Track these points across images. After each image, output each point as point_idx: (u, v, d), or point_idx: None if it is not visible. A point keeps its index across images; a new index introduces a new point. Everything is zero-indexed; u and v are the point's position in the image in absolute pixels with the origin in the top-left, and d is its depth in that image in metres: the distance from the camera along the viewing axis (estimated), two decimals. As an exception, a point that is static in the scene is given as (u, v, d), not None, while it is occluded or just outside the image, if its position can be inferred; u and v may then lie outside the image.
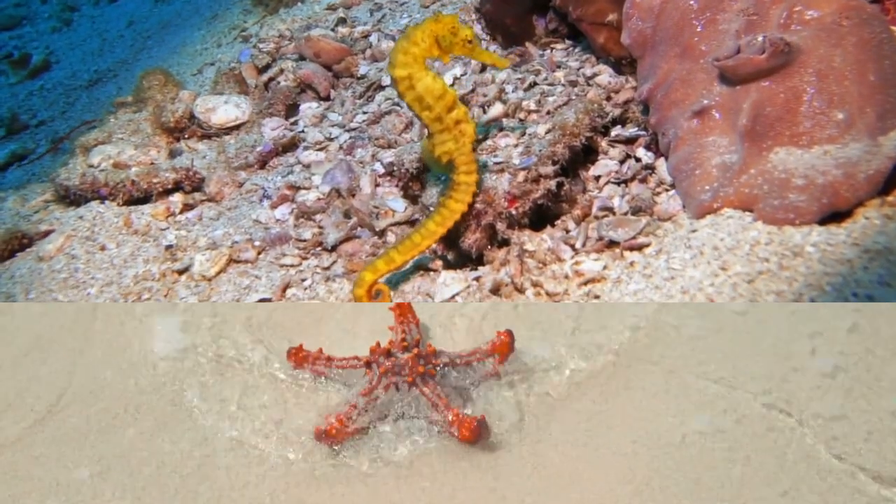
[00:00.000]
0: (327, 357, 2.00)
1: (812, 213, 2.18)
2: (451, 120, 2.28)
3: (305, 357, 2.01)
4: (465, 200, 2.39)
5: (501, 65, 2.41)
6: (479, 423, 1.82)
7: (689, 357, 2.13)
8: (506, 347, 2.02)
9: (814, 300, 1.91)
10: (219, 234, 2.73)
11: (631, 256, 2.40)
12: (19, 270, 2.64)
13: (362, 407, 1.86)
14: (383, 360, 1.92)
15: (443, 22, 2.21)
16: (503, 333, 2.03)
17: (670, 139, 2.62)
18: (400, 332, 2.05)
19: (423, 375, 1.90)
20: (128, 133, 3.16)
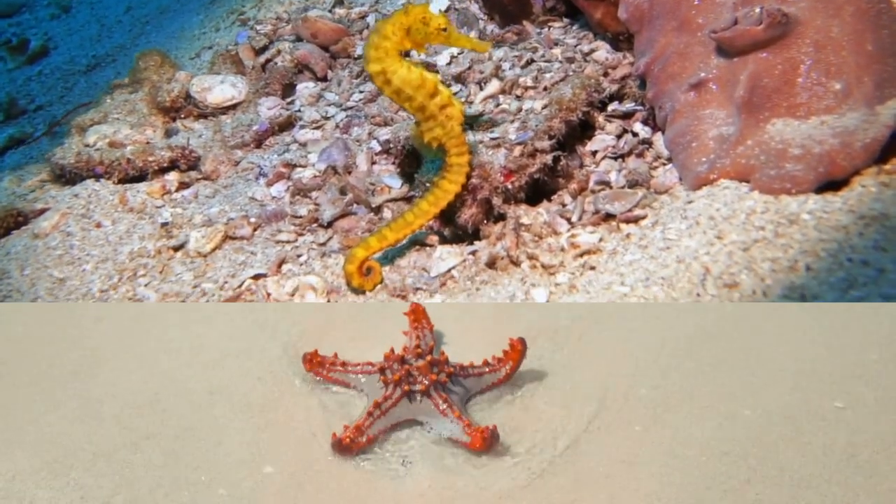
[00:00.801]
0: (342, 362, 1.99)
1: (808, 182, 2.16)
2: (435, 106, 2.27)
3: (321, 362, 2.00)
4: (458, 181, 2.39)
5: (481, 49, 2.39)
6: (492, 432, 1.79)
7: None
8: (517, 355, 1.99)
9: (809, 267, 1.90)
10: (214, 211, 2.72)
11: (627, 229, 2.39)
12: (14, 247, 2.64)
13: (377, 416, 1.85)
14: (397, 366, 1.91)
15: (412, 13, 2.18)
16: (515, 342, 2.00)
17: (667, 112, 2.61)
18: (414, 339, 2.05)
19: (436, 384, 1.88)
20: (124, 113, 3.16)
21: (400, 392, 1.87)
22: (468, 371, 1.97)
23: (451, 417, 1.84)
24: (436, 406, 1.86)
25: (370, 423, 1.84)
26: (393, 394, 1.87)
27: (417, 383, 1.88)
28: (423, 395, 1.87)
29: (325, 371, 2.00)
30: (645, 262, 2.16)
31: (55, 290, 2.46)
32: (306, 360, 2.01)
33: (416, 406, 1.87)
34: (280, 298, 2.36)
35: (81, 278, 2.49)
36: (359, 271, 2.33)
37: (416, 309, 2.15)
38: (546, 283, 2.28)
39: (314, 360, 2.01)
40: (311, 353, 2.01)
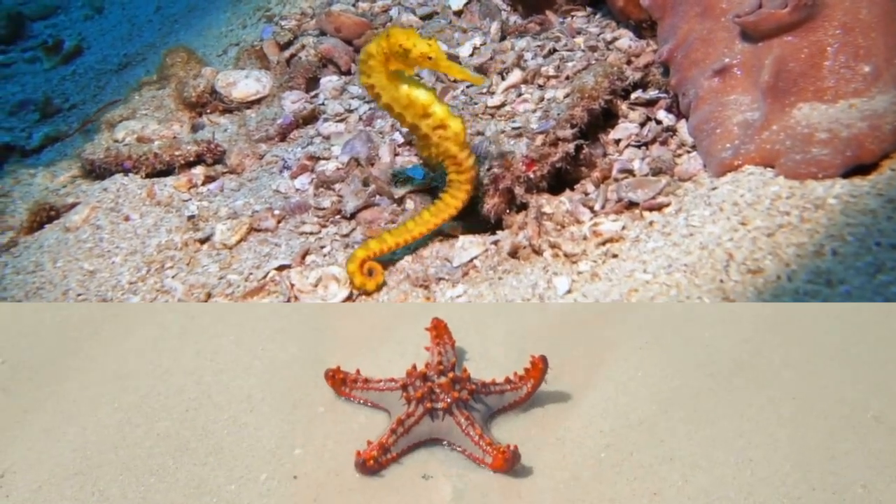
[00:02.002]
0: (364, 379, 1.99)
1: (835, 166, 2.12)
2: (428, 127, 2.26)
3: (343, 379, 1.99)
4: (459, 197, 2.39)
5: (475, 81, 2.32)
6: (513, 452, 1.77)
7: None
8: (539, 373, 1.96)
9: (835, 251, 1.86)
10: (239, 204, 2.76)
11: (650, 216, 2.37)
12: (47, 241, 2.70)
13: (400, 434, 1.83)
14: (419, 383, 1.89)
15: (391, 40, 2.13)
16: (537, 359, 1.96)
17: (691, 99, 2.58)
18: (436, 355, 2.03)
19: (458, 401, 1.87)
20: (151, 109, 3.22)
21: (422, 409, 1.85)
22: (490, 388, 1.94)
23: (474, 436, 1.82)
24: (458, 424, 1.85)
25: (394, 441, 1.82)
26: (415, 411, 1.86)
27: (440, 401, 1.86)
28: (446, 412, 1.85)
29: (348, 389, 1.99)
30: (668, 249, 2.14)
31: (86, 283, 2.51)
32: (329, 377, 2.01)
33: (438, 424, 1.86)
34: (304, 289, 2.38)
35: (111, 270, 2.54)
36: (360, 271, 2.35)
37: (438, 325, 2.12)
38: (568, 271, 2.27)
39: (336, 376, 1.99)
40: (333, 369, 2.00)
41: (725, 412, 2.01)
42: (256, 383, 2.09)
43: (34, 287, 2.52)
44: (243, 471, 1.81)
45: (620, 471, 1.83)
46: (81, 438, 1.91)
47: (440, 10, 3.50)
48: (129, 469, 1.82)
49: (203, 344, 2.22)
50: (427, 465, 1.83)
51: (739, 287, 1.91)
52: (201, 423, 1.95)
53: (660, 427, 1.96)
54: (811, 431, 1.95)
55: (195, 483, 1.78)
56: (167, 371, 2.13)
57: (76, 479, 1.80)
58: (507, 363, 2.14)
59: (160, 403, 2.02)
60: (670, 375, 2.13)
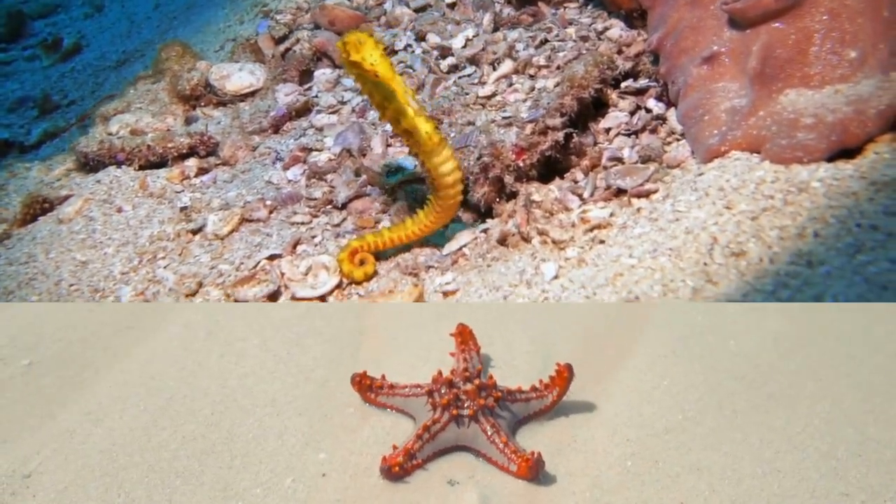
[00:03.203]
0: (390, 385, 1.98)
1: (820, 150, 2.12)
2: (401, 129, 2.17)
3: (370, 385, 1.98)
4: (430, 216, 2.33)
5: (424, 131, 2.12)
6: (536, 460, 1.75)
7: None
8: (564, 382, 1.93)
9: (817, 233, 1.87)
10: (232, 195, 2.78)
11: (638, 203, 2.37)
12: (41, 232, 2.74)
13: (426, 440, 1.81)
14: (445, 390, 1.87)
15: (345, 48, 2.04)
16: (562, 368, 1.94)
17: (680, 87, 2.58)
18: (462, 361, 2.02)
19: (484, 408, 1.85)
20: (146, 102, 3.24)
21: (448, 416, 1.83)
22: (515, 396, 1.93)
23: (499, 443, 1.80)
24: (483, 431, 1.82)
25: (419, 447, 1.80)
26: (441, 417, 1.83)
27: (466, 408, 1.84)
28: (471, 419, 1.83)
29: (374, 395, 1.99)
30: (654, 234, 2.15)
31: (78, 273, 2.54)
32: (355, 382, 1.99)
33: (463, 431, 1.83)
34: (294, 278, 2.40)
35: (103, 261, 2.57)
36: (349, 259, 2.37)
37: (463, 331, 2.11)
38: (556, 257, 2.29)
39: (363, 382, 1.98)
40: (360, 374, 1.99)
41: (752, 422, 1.98)
42: (281, 387, 2.08)
43: (27, 278, 2.55)
44: (269, 475, 1.80)
45: (646, 480, 1.79)
46: (108, 440, 1.91)
47: (433, 2, 3.51)
48: (155, 471, 1.81)
49: (228, 347, 2.22)
50: (453, 471, 1.81)
51: (723, 270, 1.91)
52: (227, 427, 1.94)
53: (686, 436, 1.93)
54: (841, 441, 1.91)
55: (221, 486, 1.76)
56: (193, 374, 2.13)
57: (102, 480, 1.79)
58: (531, 371, 2.13)
59: (186, 406, 2.01)
60: (696, 384, 2.10)
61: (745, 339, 2.28)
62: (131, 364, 2.17)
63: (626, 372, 2.15)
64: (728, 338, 2.29)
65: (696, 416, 1.99)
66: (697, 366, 2.17)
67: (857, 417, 2.00)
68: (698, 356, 2.20)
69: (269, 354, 2.21)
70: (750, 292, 1.82)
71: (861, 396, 2.07)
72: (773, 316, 2.37)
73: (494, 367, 2.16)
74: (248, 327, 2.30)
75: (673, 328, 2.32)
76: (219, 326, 2.30)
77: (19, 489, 1.75)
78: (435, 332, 2.26)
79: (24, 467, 1.82)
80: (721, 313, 2.38)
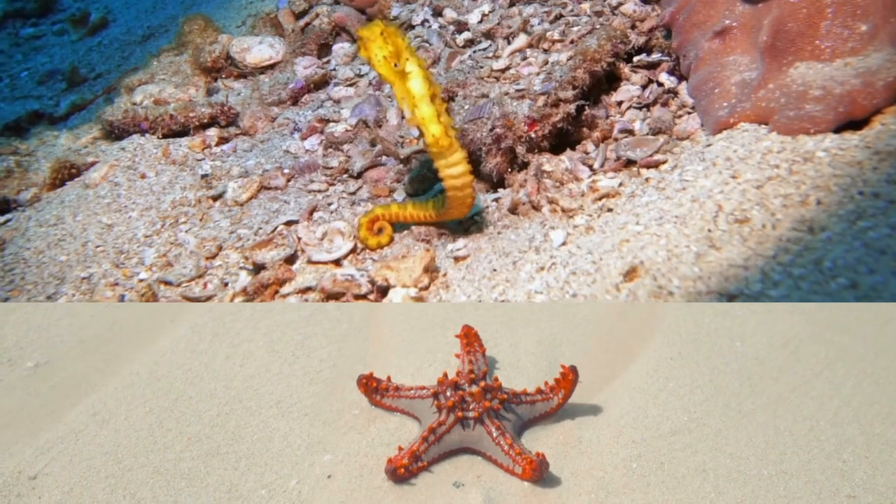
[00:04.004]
0: (395, 387, 1.97)
1: (828, 121, 2.15)
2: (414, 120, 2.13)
3: (375, 387, 1.98)
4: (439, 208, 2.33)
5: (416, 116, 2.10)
6: (540, 462, 1.75)
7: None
8: (569, 384, 1.92)
9: (820, 201, 1.90)
10: (251, 163, 2.86)
11: (647, 173, 2.42)
12: (68, 196, 2.84)
13: (431, 441, 1.81)
14: (451, 392, 1.86)
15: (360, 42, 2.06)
16: (567, 370, 1.92)
17: (691, 61, 2.61)
18: (467, 363, 2.01)
19: (489, 410, 1.84)
20: (169, 74, 3.33)
21: (454, 418, 1.82)
22: (521, 398, 1.92)
23: (504, 445, 1.79)
24: (488, 433, 1.82)
25: (425, 449, 1.80)
26: (447, 419, 1.83)
27: (471, 410, 1.84)
28: (477, 421, 1.83)
29: (379, 397, 1.98)
30: (661, 203, 2.19)
31: (104, 235, 2.63)
32: (361, 384, 1.98)
33: (468, 433, 1.83)
34: (310, 243, 2.47)
35: (128, 224, 2.66)
36: (368, 225, 2.42)
37: (468, 332, 2.10)
38: (564, 225, 2.34)
39: (370, 384, 1.97)
40: (366, 376, 1.98)
41: (758, 423, 1.96)
42: (287, 388, 2.07)
43: (56, 239, 2.64)
44: (274, 476, 1.79)
45: (651, 481, 1.78)
46: (113, 441, 1.90)
47: (451, -22, 3.55)
48: (161, 473, 1.80)
49: (234, 349, 2.22)
50: (458, 473, 1.80)
51: (726, 236, 1.96)
52: (232, 428, 1.93)
53: (692, 438, 1.91)
54: (847, 443, 1.90)
55: (226, 487, 1.76)
56: (198, 375, 2.12)
57: (108, 481, 1.78)
58: (537, 372, 2.13)
59: (192, 408, 2.00)
60: (702, 386, 2.08)
61: (751, 340, 2.26)
62: (137, 365, 2.16)
63: (631, 373, 2.12)
64: (734, 339, 2.26)
65: (702, 417, 1.97)
66: (704, 367, 2.15)
67: (863, 419, 1.98)
68: (705, 357, 2.18)
69: (275, 356, 2.19)
70: (751, 257, 1.86)
71: (868, 398, 2.05)
72: (779, 317, 2.34)
73: (500, 368, 2.15)
74: (255, 329, 2.28)
75: (679, 329, 2.29)
76: (225, 328, 2.29)
77: (25, 490, 1.75)
78: (441, 334, 2.25)
79: (30, 469, 1.82)
80: (728, 315, 2.35)
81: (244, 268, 2.41)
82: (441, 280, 2.28)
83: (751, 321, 2.34)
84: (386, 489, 1.75)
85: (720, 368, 2.14)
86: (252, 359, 2.18)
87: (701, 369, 2.14)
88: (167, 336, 2.27)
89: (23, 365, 2.21)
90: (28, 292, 2.44)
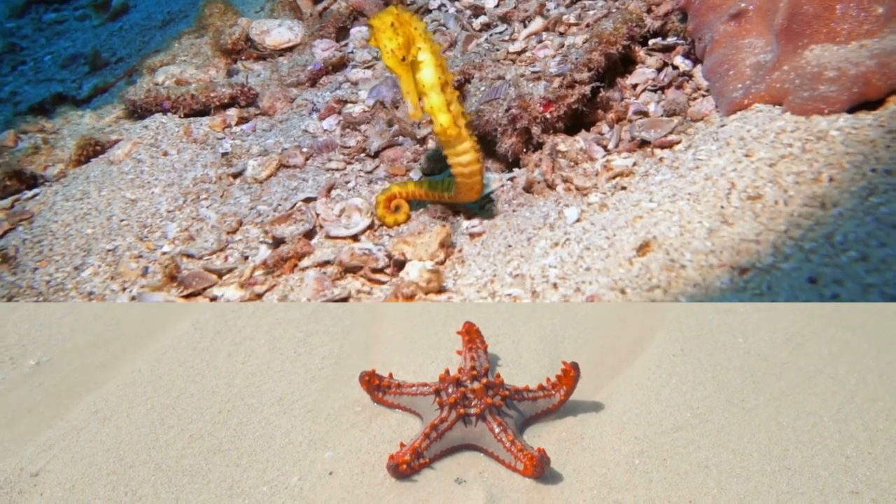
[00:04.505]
0: (397, 384, 1.97)
1: (842, 102, 2.17)
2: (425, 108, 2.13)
3: (378, 384, 1.97)
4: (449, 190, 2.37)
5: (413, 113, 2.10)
6: (540, 457, 1.75)
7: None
8: (571, 381, 1.93)
9: (832, 178, 1.93)
10: (270, 142, 2.91)
11: (661, 153, 2.45)
12: (93, 172, 2.90)
13: (433, 438, 1.81)
14: (452, 388, 1.87)
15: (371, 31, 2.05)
16: (568, 366, 1.93)
17: (706, 43, 2.63)
18: (469, 360, 2.01)
19: (491, 407, 1.84)
20: (190, 55, 3.39)
21: (455, 415, 1.82)
22: (523, 395, 1.91)
23: (506, 442, 1.80)
24: (490, 430, 1.82)
25: (427, 445, 1.80)
26: (449, 416, 1.83)
27: (473, 406, 1.84)
28: (479, 418, 1.83)
29: (381, 394, 1.98)
30: (674, 181, 2.22)
31: (128, 210, 2.69)
32: (364, 381, 1.98)
33: (470, 429, 1.83)
34: (328, 218, 2.52)
35: (151, 200, 2.72)
36: (386, 203, 2.46)
37: (470, 329, 2.10)
38: (579, 202, 2.37)
39: (372, 381, 1.97)
40: (368, 372, 1.98)
41: (761, 419, 1.96)
42: (289, 386, 2.07)
43: (82, 213, 2.71)
44: (275, 473, 1.79)
45: (654, 478, 1.78)
46: (115, 438, 1.90)
47: (468, -37, 3.58)
48: (162, 470, 1.80)
49: (236, 346, 2.22)
50: (460, 469, 1.80)
51: (738, 212, 1.98)
52: (234, 425, 1.93)
53: (694, 434, 1.91)
54: (850, 439, 1.90)
55: (228, 484, 1.76)
56: (200, 373, 2.13)
57: (109, 478, 1.78)
58: (539, 369, 2.12)
59: (193, 405, 2.01)
60: (705, 382, 2.08)
61: (754, 337, 2.25)
62: (139, 363, 2.16)
63: (634, 370, 2.12)
64: (737, 336, 2.25)
65: (704, 413, 1.97)
66: (706, 363, 2.14)
67: (866, 415, 1.98)
68: (707, 354, 2.18)
69: (277, 353, 2.19)
70: (763, 231, 1.89)
71: (871, 394, 2.05)
72: (782, 314, 2.34)
73: (502, 365, 2.15)
74: (256, 326, 2.29)
75: (682, 326, 2.28)
76: (227, 326, 2.29)
77: (27, 487, 1.76)
78: (442, 331, 2.25)
79: (32, 466, 1.82)
80: (730, 311, 2.34)
81: (264, 242, 2.47)
82: (457, 255, 2.32)
83: (753, 318, 2.34)
84: (388, 486, 1.75)
85: (723, 365, 2.14)
86: (254, 356, 2.18)
87: (703, 366, 2.13)
88: (169, 334, 2.27)
89: (25, 363, 2.21)
90: (56, 262, 2.50)
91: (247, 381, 2.10)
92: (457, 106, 2.16)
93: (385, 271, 2.28)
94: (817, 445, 1.88)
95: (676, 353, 2.18)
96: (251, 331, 2.28)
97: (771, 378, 2.10)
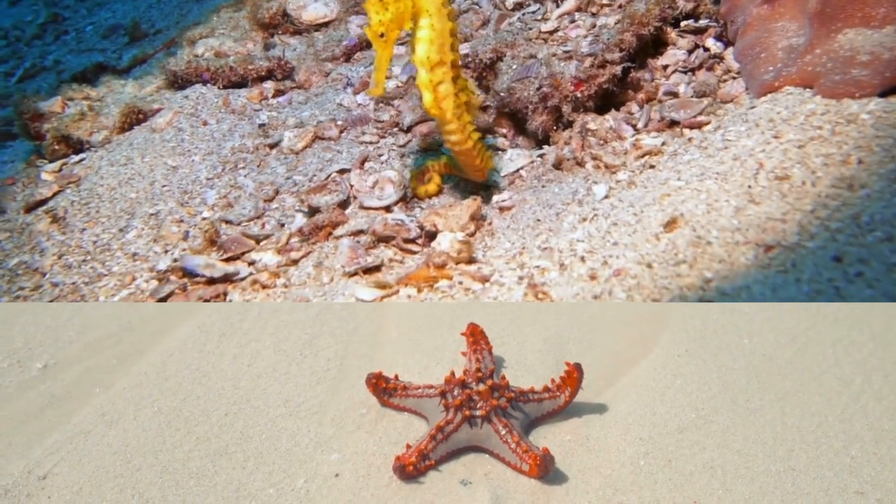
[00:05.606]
0: (403, 386, 1.97)
1: (874, 86, 2.19)
2: None
3: (384, 386, 1.98)
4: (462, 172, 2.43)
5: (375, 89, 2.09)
6: (543, 458, 1.76)
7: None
8: (575, 382, 1.93)
9: (861, 160, 1.96)
10: (306, 115, 2.98)
11: (690, 133, 2.48)
12: (136, 139, 2.99)
13: (439, 440, 1.81)
14: (458, 390, 1.87)
15: None
16: (572, 367, 1.93)
17: (739, 26, 2.66)
18: (474, 362, 2.02)
19: (497, 409, 1.85)
20: (228, 28, 3.46)
21: (461, 417, 1.83)
22: (528, 396, 1.92)
23: (511, 443, 1.80)
24: (496, 432, 1.83)
25: (433, 447, 1.80)
26: (454, 418, 1.83)
27: (478, 408, 1.84)
28: (484, 420, 1.83)
29: (387, 396, 1.98)
30: (702, 161, 2.26)
31: (169, 176, 2.78)
32: (369, 383, 1.98)
33: (476, 431, 1.83)
34: (362, 189, 2.59)
35: (191, 167, 2.81)
36: (419, 176, 2.54)
37: (475, 330, 2.10)
38: (607, 180, 2.42)
39: (379, 384, 1.98)
40: (375, 374, 1.98)
41: (766, 420, 1.96)
42: (295, 388, 2.08)
43: (125, 178, 2.81)
44: (282, 475, 1.79)
45: (659, 478, 1.78)
46: (122, 441, 1.90)
47: (503, -58, 3.60)
48: (169, 472, 1.80)
49: (242, 348, 2.23)
50: (466, 471, 1.80)
51: (766, 192, 2.02)
52: (240, 427, 1.94)
53: (699, 434, 1.91)
54: (855, 439, 1.90)
55: (234, 487, 1.76)
56: (206, 375, 2.13)
57: (116, 481, 1.78)
58: (544, 370, 2.13)
59: (200, 407, 2.01)
60: (710, 383, 2.08)
61: (759, 336, 2.26)
62: (145, 366, 2.17)
63: (639, 371, 2.12)
64: (742, 336, 2.26)
65: (709, 414, 1.97)
66: (711, 364, 2.14)
67: (871, 415, 1.98)
68: (712, 354, 2.18)
69: (283, 355, 2.20)
70: (790, 211, 1.93)
71: (876, 394, 2.05)
72: (787, 314, 2.35)
73: (507, 367, 2.16)
74: (262, 329, 2.29)
75: (687, 327, 2.29)
76: (232, 328, 2.30)
77: (35, 490, 1.76)
78: (447, 333, 2.26)
79: (40, 469, 1.82)
80: (736, 312, 2.34)
81: (300, 210, 2.55)
82: (486, 228, 2.39)
83: (758, 318, 2.35)
84: (394, 487, 1.76)
85: (728, 365, 2.14)
86: (260, 358, 2.19)
87: (708, 366, 2.14)
88: (175, 336, 2.28)
89: (32, 366, 2.22)
90: (102, 224, 2.60)
91: (253, 383, 2.10)
92: (449, 87, 2.14)
93: (417, 241, 2.35)
94: (822, 446, 1.88)
95: (681, 354, 2.19)
96: (257, 333, 2.29)
97: (776, 378, 2.11)
